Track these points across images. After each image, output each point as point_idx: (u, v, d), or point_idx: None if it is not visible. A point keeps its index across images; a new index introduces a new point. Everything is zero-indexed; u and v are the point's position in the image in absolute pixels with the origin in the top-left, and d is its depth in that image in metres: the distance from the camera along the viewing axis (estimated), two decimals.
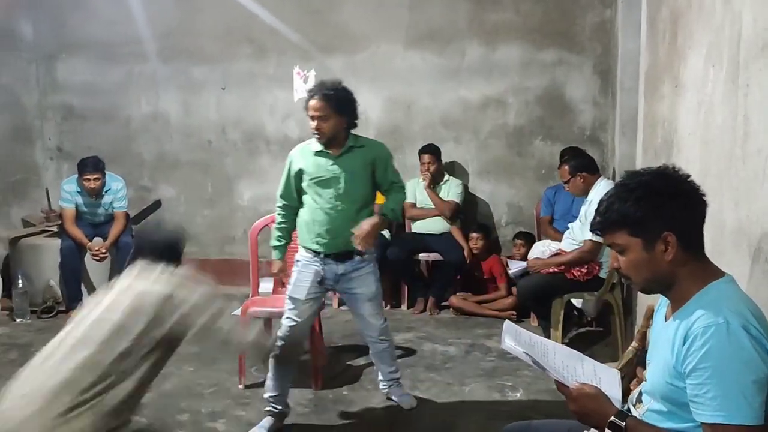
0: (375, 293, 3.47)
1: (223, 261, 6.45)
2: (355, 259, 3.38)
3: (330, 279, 3.39)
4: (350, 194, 3.33)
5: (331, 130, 3.27)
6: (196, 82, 6.35)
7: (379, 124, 6.06)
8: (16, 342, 4.84)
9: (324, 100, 3.23)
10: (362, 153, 3.38)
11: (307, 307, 3.38)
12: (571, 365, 1.77)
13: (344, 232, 3.31)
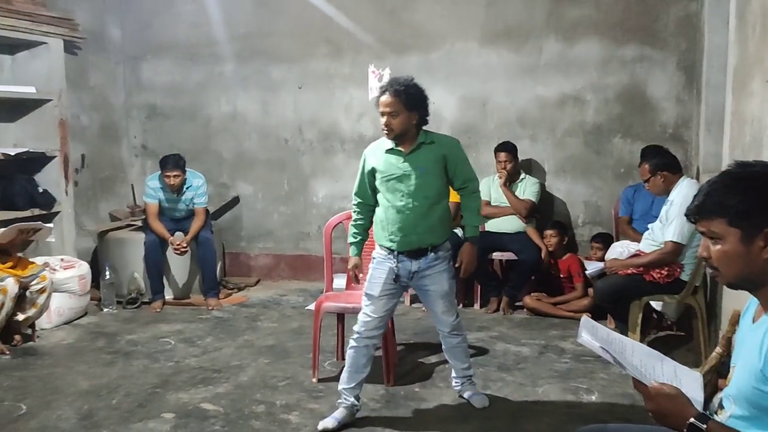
0: (448, 291, 3.45)
1: (298, 257, 6.58)
2: (429, 257, 3.36)
3: (404, 276, 3.39)
4: (421, 191, 3.31)
5: (401, 127, 3.25)
6: (273, 82, 6.49)
7: (454, 122, 6.04)
8: (103, 330, 5.06)
9: (394, 96, 3.22)
10: (433, 149, 3.34)
11: (382, 303, 3.39)
12: (650, 364, 1.71)
13: (417, 229, 3.31)
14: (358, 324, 3.42)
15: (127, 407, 3.63)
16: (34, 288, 4.62)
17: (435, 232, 3.36)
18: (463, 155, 3.44)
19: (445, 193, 3.42)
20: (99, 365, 4.33)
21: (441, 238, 3.40)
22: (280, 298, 5.97)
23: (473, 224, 3.46)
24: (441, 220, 3.39)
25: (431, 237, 3.35)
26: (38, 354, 4.56)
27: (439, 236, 3.38)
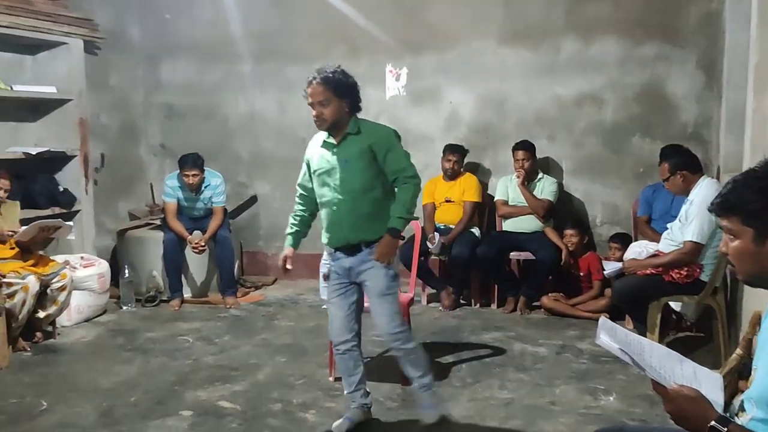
0: (384, 290, 3.20)
1: (316, 256, 6.50)
2: (363, 252, 3.20)
3: (342, 274, 3.27)
4: (346, 185, 3.15)
5: (333, 116, 3.10)
6: (291, 82, 6.48)
7: (471, 121, 6.03)
8: (123, 328, 5.11)
9: (323, 84, 3.08)
10: (358, 140, 3.16)
11: (337, 303, 3.30)
12: (668, 365, 1.69)
13: (344, 224, 3.19)
14: (328, 331, 3.39)
15: (146, 404, 3.67)
16: (54, 286, 4.68)
17: (364, 228, 3.18)
18: (394, 144, 3.21)
19: (376, 186, 3.18)
20: (118, 363, 4.37)
21: (374, 233, 3.18)
22: (297, 297, 5.99)
23: (396, 215, 3.15)
24: (372, 214, 3.18)
25: (360, 232, 3.19)
26: (59, 351, 4.61)
27: (370, 231, 3.19)
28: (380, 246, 3.14)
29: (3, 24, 5.06)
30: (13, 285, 4.36)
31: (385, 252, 3.14)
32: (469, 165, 5.88)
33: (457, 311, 5.43)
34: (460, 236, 5.45)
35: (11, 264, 4.50)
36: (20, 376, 4.13)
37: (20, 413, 3.58)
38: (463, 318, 5.26)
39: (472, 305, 5.54)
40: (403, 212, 3.16)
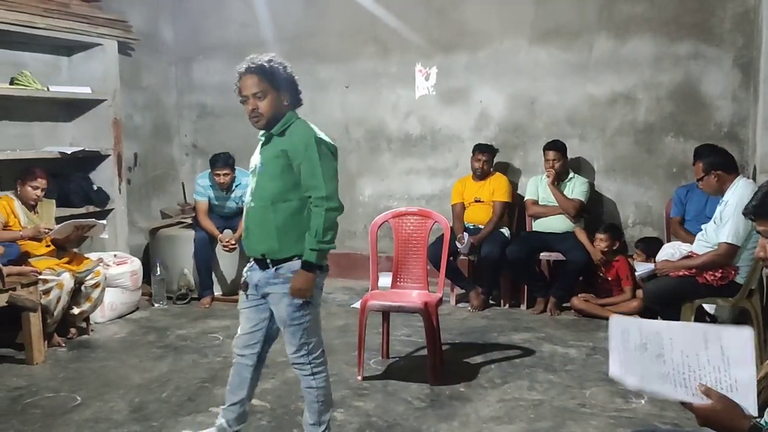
0: (287, 320, 2.82)
1: (345, 255, 6.59)
2: (270, 271, 2.82)
3: (252, 286, 2.91)
4: (258, 191, 2.82)
5: (271, 110, 2.77)
6: (321, 82, 6.53)
7: (501, 121, 5.99)
8: (154, 325, 5.18)
9: (258, 73, 2.75)
10: (276, 143, 2.81)
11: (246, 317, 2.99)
12: (692, 354, 1.62)
13: (253, 235, 2.84)
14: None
15: (177, 401, 3.71)
16: (88, 283, 4.76)
17: (270, 243, 2.78)
18: (311, 155, 2.73)
19: (291, 199, 2.78)
20: (150, 359, 4.43)
21: (281, 252, 2.78)
22: (326, 296, 5.99)
23: (307, 247, 2.73)
24: (281, 230, 2.77)
25: (265, 246, 2.80)
26: (92, 347, 4.69)
27: (276, 249, 2.79)
28: (294, 281, 2.75)
29: (40, 26, 5.16)
30: (48, 282, 4.45)
31: (298, 288, 2.74)
32: (498, 165, 5.85)
33: (486, 311, 5.41)
34: (489, 236, 5.42)
35: (47, 261, 4.59)
36: (55, 371, 4.21)
37: (55, 407, 3.65)
38: (492, 318, 5.23)
39: (501, 306, 5.50)
40: (313, 243, 2.71)
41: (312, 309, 2.87)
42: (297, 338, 2.85)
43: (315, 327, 2.92)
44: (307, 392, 2.94)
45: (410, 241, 4.28)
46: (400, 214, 4.35)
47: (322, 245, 2.74)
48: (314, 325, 2.91)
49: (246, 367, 3.02)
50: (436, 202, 6.10)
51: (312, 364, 2.90)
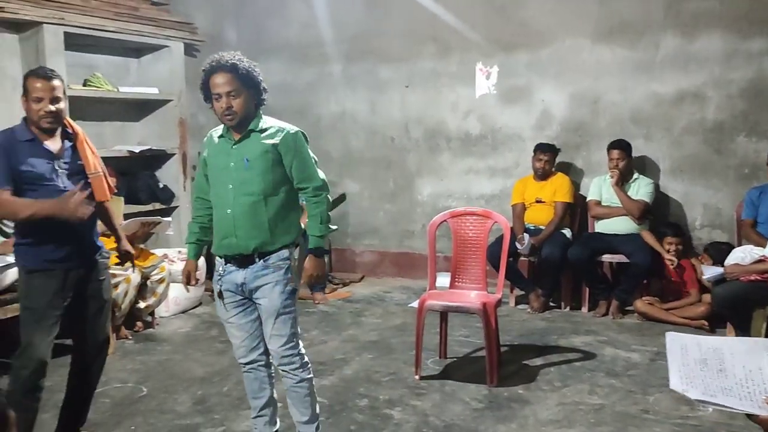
0: (280, 308, 2.80)
1: (402, 254, 6.62)
2: (257, 265, 2.80)
3: (234, 291, 2.86)
4: (245, 187, 2.78)
5: (244, 108, 2.76)
6: (381, 82, 6.56)
7: (563, 120, 5.90)
8: (216, 320, 5.26)
9: (232, 72, 2.73)
10: (261, 138, 2.80)
11: (236, 323, 2.92)
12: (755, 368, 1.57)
13: (241, 231, 2.78)
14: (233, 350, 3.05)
15: (237, 395, 3.78)
16: (154, 278, 4.90)
17: (261, 236, 2.78)
18: (301, 149, 2.83)
19: (280, 191, 2.82)
20: (212, 353, 4.53)
21: (271, 243, 2.80)
22: (384, 295, 6.03)
23: (314, 234, 2.82)
24: (271, 221, 2.79)
25: (255, 240, 2.78)
26: (157, 340, 4.83)
27: (267, 241, 2.79)
28: (307, 269, 2.84)
29: (111, 29, 5.35)
30: (116, 276, 4.60)
31: (315, 274, 2.84)
32: (560, 165, 5.75)
33: (546, 313, 5.33)
34: (550, 237, 5.34)
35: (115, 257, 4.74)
36: (123, 362, 4.36)
37: (123, 397, 3.78)
38: (552, 320, 5.15)
39: (561, 308, 5.41)
40: (322, 230, 2.83)
41: (296, 299, 2.90)
42: (288, 328, 2.83)
43: (298, 318, 2.93)
44: (299, 387, 2.90)
45: (469, 241, 4.25)
46: (460, 214, 4.33)
47: (328, 230, 2.86)
48: (298, 316, 2.93)
49: (259, 369, 2.98)
50: (495, 202, 6.04)
51: (300, 355, 2.89)
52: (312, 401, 2.93)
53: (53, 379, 3.14)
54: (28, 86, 2.89)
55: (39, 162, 2.88)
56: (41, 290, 2.92)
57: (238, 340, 2.96)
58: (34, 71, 2.98)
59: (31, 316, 2.93)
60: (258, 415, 3.03)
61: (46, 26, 4.89)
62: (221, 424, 3.43)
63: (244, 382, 3.05)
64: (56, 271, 2.94)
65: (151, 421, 3.47)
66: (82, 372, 3.17)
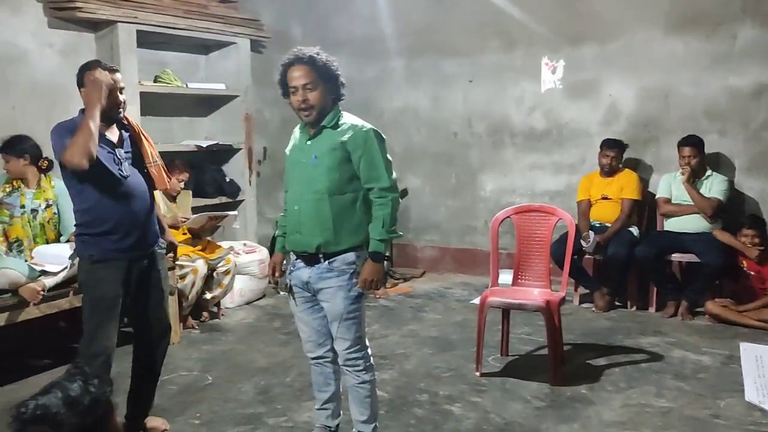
0: (344, 314, 2.77)
1: (464, 250, 6.58)
2: (322, 266, 2.77)
3: (301, 287, 2.86)
4: (312, 184, 2.75)
5: (321, 102, 2.73)
6: (445, 76, 6.52)
7: (631, 115, 5.74)
8: (279, 312, 5.38)
9: (309, 64, 2.70)
10: (332, 135, 2.75)
11: (305, 318, 2.93)
12: None
13: (305, 228, 2.77)
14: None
15: (299, 386, 3.83)
16: (220, 270, 5.01)
17: (325, 235, 2.73)
18: (370, 147, 2.74)
19: (347, 191, 2.76)
20: (275, 345, 4.61)
21: (335, 244, 2.75)
22: (445, 291, 6.00)
23: (376, 237, 2.73)
24: (336, 222, 2.74)
25: (319, 239, 2.74)
26: (222, 330, 4.94)
27: (331, 241, 2.74)
28: (364, 272, 2.74)
29: (181, 27, 5.49)
30: (184, 267, 4.73)
31: (370, 279, 2.74)
32: (628, 161, 5.60)
33: (612, 313, 5.20)
34: (616, 235, 5.21)
35: (183, 248, 4.87)
36: (189, 351, 4.47)
37: (189, 385, 3.88)
38: (617, 320, 5.03)
39: (627, 307, 5.27)
40: (383, 234, 2.73)
41: (364, 302, 2.86)
42: (352, 332, 2.80)
43: (364, 321, 2.90)
44: (360, 388, 2.87)
45: (533, 238, 4.19)
46: (523, 210, 4.27)
47: (390, 235, 2.75)
48: (364, 319, 2.90)
49: (325, 364, 2.99)
50: (560, 199, 5.93)
51: (365, 358, 2.86)
52: (372, 402, 2.91)
53: (120, 366, 3.24)
54: (98, 77, 2.89)
55: (101, 152, 2.89)
56: (108, 280, 2.97)
57: (305, 335, 2.98)
58: (97, 62, 3.00)
59: (99, 306, 2.97)
60: (321, 408, 3.06)
61: (120, 25, 5.05)
62: (283, 414, 3.48)
63: (310, 374, 3.07)
64: (121, 261, 2.99)
65: (215, 409, 3.55)
66: (146, 361, 3.24)
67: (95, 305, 2.98)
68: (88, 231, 2.98)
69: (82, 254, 3.02)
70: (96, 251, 2.96)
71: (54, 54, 4.93)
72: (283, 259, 3.00)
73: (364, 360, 2.86)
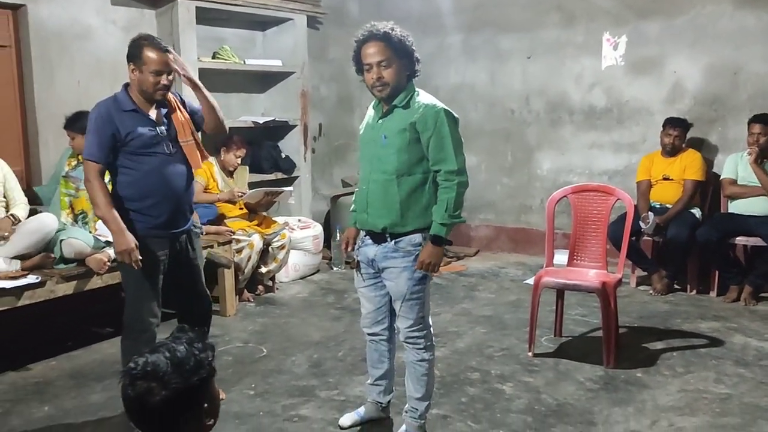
0: (407, 294, 2.76)
1: (519, 229, 6.51)
2: (388, 245, 2.76)
3: (366, 263, 2.87)
4: (380, 164, 2.72)
5: (395, 79, 2.66)
6: (502, 52, 6.42)
7: (697, 93, 5.54)
8: (333, 287, 5.44)
9: (384, 40, 2.63)
10: (403, 115, 2.69)
11: (367, 294, 2.93)
12: None
13: (372, 208, 2.77)
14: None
15: (352, 360, 3.88)
16: (275, 244, 5.09)
17: (392, 216, 2.72)
18: (441, 128, 2.66)
19: (415, 172, 2.71)
20: (328, 319, 4.66)
21: (402, 225, 2.73)
22: (499, 270, 5.96)
23: (437, 221, 2.68)
24: (404, 203, 2.71)
25: (385, 220, 2.73)
26: (277, 304, 5.03)
27: (397, 222, 2.72)
28: (422, 254, 2.70)
29: (239, 3, 5.52)
30: (240, 242, 4.82)
31: (427, 262, 2.69)
32: (691, 140, 5.42)
33: (670, 296, 5.08)
34: (677, 216, 5.06)
35: (240, 223, 4.97)
36: (245, 323, 4.57)
37: (244, 356, 3.97)
38: (676, 304, 4.91)
39: (687, 291, 5.14)
40: (445, 218, 2.67)
41: (429, 283, 2.83)
42: (414, 312, 2.80)
43: (429, 301, 2.89)
44: (419, 365, 2.88)
45: (590, 218, 4.11)
46: (581, 190, 4.18)
47: (453, 219, 2.69)
48: (429, 298, 2.88)
49: (381, 342, 3.01)
50: (619, 179, 5.79)
51: (426, 338, 2.86)
52: (428, 380, 2.91)
53: None
54: (145, 58, 2.90)
55: (144, 130, 2.93)
56: (153, 255, 3.01)
57: (365, 311, 2.99)
58: (149, 41, 2.94)
59: (142, 282, 3.01)
60: (374, 384, 3.10)
61: (180, 1, 5.12)
62: (335, 388, 3.53)
63: (366, 349, 3.11)
64: (163, 238, 3.04)
65: (270, 381, 3.63)
66: None
67: (138, 282, 3.02)
68: (129, 206, 3.00)
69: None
70: (138, 227, 2.99)
71: (117, 30, 5.04)
72: (357, 234, 2.99)
73: (425, 339, 2.86)
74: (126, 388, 1.47)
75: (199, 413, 1.51)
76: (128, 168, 2.98)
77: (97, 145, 2.92)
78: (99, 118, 2.93)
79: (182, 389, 1.45)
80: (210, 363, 1.53)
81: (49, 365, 3.86)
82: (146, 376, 1.45)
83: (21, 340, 4.09)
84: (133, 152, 2.94)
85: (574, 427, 3.08)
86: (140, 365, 1.47)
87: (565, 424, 3.11)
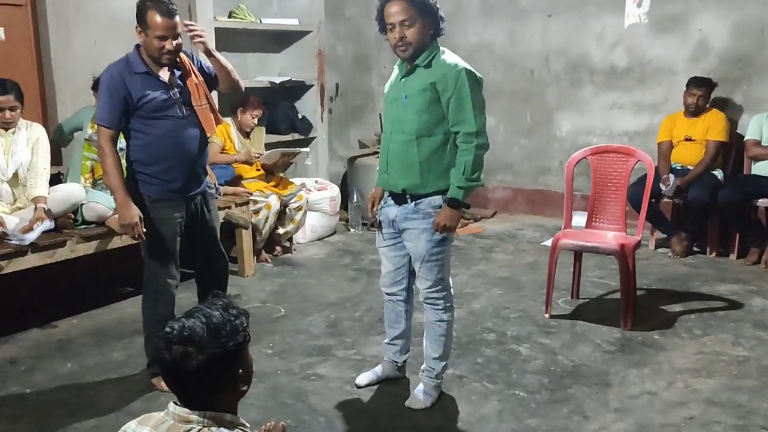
0: (426, 256, 2.77)
1: (537, 191, 6.47)
2: (408, 206, 2.77)
3: (386, 224, 2.89)
4: (401, 124, 2.71)
5: (419, 38, 2.63)
6: (522, 10, 6.29)
7: (723, 51, 5.41)
8: (350, 249, 5.46)
9: (406, 0, 2.60)
10: (424, 75, 2.66)
11: (387, 254, 2.95)
12: None
13: (392, 168, 2.77)
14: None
15: (368, 321, 3.91)
16: (292, 206, 5.10)
17: (411, 177, 2.72)
18: (461, 88, 2.62)
19: (436, 133, 2.69)
20: (345, 280, 4.69)
21: (422, 187, 2.73)
22: (516, 232, 5.94)
23: (454, 184, 2.66)
24: (423, 164, 2.70)
25: (406, 181, 2.74)
26: (294, 265, 5.06)
27: (417, 183, 2.72)
28: (438, 217, 2.70)
29: None
30: (258, 203, 4.83)
31: (443, 224, 2.69)
32: (716, 101, 5.31)
33: (689, 259, 5.04)
34: (699, 178, 4.99)
35: (257, 184, 4.97)
36: (263, 284, 4.61)
37: (262, 316, 4.01)
38: (695, 266, 4.87)
39: (706, 254, 5.09)
40: (462, 180, 2.65)
41: (449, 244, 2.83)
42: (434, 274, 2.81)
43: (449, 262, 2.89)
44: (437, 325, 2.90)
45: (609, 179, 4.06)
46: (600, 151, 4.13)
47: (470, 183, 2.66)
48: (449, 260, 2.89)
49: (398, 302, 3.04)
50: (640, 140, 5.71)
51: (445, 299, 2.88)
52: (446, 341, 2.94)
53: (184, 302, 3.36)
54: (150, 22, 2.84)
55: (156, 93, 2.91)
56: (169, 218, 3.03)
57: (385, 270, 3.02)
58: (154, 4, 2.84)
59: (159, 245, 3.03)
60: (391, 343, 3.14)
61: None
62: (352, 347, 3.56)
63: (384, 309, 3.13)
64: (178, 201, 3.04)
65: (288, 340, 3.67)
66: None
67: (155, 244, 3.03)
68: (143, 170, 3.00)
69: (138, 193, 3.00)
70: (153, 191, 3.00)
71: None
72: (382, 194, 2.97)
73: (444, 300, 2.88)
74: (162, 351, 1.48)
75: (234, 378, 1.53)
76: (141, 132, 2.96)
77: (109, 110, 2.90)
78: (111, 81, 2.90)
79: (218, 354, 1.46)
80: (245, 329, 1.54)
81: (71, 323, 3.92)
82: (182, 341, 1.46)
83: (44, 299, 4.15)
84: (146, 116, 2.93)
85: (590, 388, 3.09)
86: (176, 329, 1.47)
87: (581, 384, 3.12)
